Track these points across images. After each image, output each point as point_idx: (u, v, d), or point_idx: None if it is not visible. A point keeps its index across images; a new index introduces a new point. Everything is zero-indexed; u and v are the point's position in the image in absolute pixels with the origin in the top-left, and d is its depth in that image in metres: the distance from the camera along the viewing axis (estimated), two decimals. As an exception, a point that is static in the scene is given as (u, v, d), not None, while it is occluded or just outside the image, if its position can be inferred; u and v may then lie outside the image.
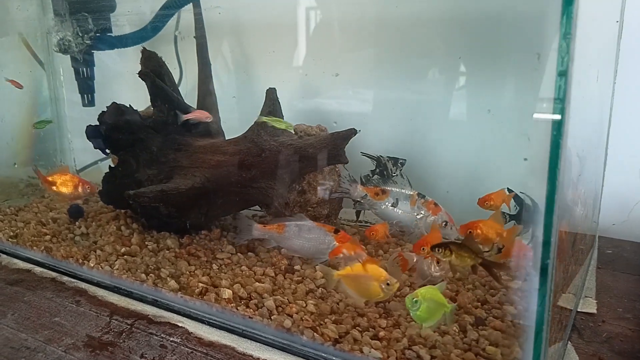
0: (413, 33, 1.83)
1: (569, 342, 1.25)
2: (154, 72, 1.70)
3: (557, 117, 0.82)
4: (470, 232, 1.44)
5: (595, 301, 1.44)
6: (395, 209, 1.71)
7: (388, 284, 1.16)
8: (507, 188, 1.57)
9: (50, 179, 1.81)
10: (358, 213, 1.86)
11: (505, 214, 1.55)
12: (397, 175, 1.75)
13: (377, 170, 1.78)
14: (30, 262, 1.76)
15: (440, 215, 1.66)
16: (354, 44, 1.95)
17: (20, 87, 1.86)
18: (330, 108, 2.00)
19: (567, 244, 1.15)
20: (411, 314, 1.12)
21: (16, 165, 2.34)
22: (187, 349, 1.27)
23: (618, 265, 1.69)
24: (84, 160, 2.29)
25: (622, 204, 1.93)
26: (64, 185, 1.78)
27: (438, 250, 1.28)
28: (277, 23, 1.97)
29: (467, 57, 1.75)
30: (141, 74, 1.70)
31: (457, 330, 1.21)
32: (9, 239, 1.86)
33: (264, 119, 1.60)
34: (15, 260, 1.80)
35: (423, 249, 1.37)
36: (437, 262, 1.38)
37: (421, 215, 1.68)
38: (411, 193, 1.69)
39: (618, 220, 1.96)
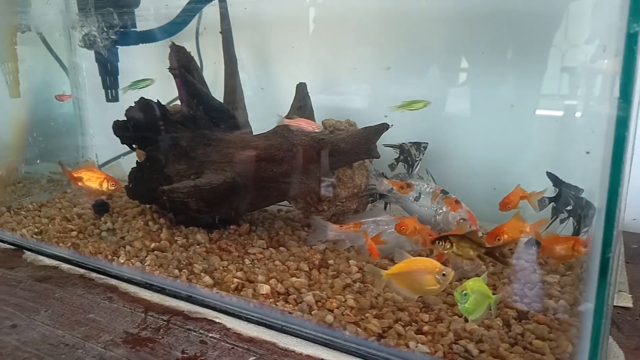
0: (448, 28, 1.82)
1: (610, 337, 1.26)
2: (183, 67, 1.69)
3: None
4: (498, 239, 1.45)
5: (630, 295, 1.45)
6: (417, 203, 1.72)
7: (444, 275, 1.15)
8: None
9: (75, 174, 1.80)
10: (384, 207, 1.87)
11: (545, 198, 1.56)
12: (420, 159, 1.76)
13: (401, 157, 1.78)
14: (57, 258, 1.75)
15: (459, 212, 1.66)
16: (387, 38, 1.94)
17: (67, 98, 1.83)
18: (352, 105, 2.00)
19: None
20: (459, 307, 1.12)
21: (39, 162, 2.33)
22: (227, 344, 1.26)
23: (646, 260, 1.70)
24: (106, 156, 2.27)
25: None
26: (89, 180, 1.77)
27: (438, 242, 1.30)
28: (315, 17, 1.96)
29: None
30: (171, 69, 1.69)
31: (500, 324, 1.21)
32: (34, 236, 1.84)
33: (397, 107, 1.58)
34: (41, 257, 1.78)
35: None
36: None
37: (441, 211, 1.68)
38: (434, 188, 1.70)
39: (639, 215, 1.96)
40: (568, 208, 1.55)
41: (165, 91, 2.10)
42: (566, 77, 1.63)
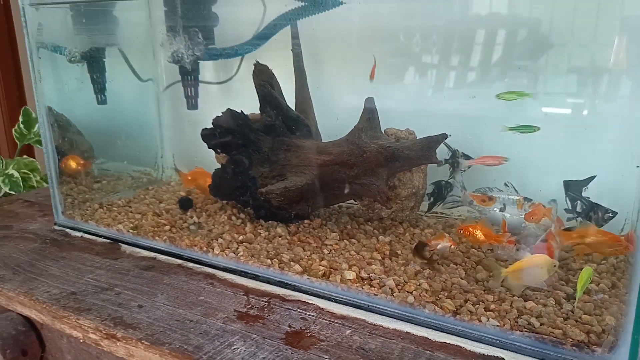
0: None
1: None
2: (267, 83, 1.95)
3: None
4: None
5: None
6: (503, 214, 1.87)
7: (555, 266, 1.44)
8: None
9: (190, 176, 2.26)
10: (431, 206, 2.13)
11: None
12: (464, 170, 2.00)
13: (450, 160, 2.01)
14: (153, 250, 1.96)
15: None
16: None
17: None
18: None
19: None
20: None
21: (126, 162, 2.60)
22: (325, 320, 1.51)
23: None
24: (182, 160, 2.54)
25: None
26: (202, 181, 2.18)
27: None
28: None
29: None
30: (257, 85, 1.95)
31: (554, 303, 1.49)
32: (130, 230, 2.08)
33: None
34: (138, 249, 1.99)
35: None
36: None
37: None
38: (517, 198, 1.86)
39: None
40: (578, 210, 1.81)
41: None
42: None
